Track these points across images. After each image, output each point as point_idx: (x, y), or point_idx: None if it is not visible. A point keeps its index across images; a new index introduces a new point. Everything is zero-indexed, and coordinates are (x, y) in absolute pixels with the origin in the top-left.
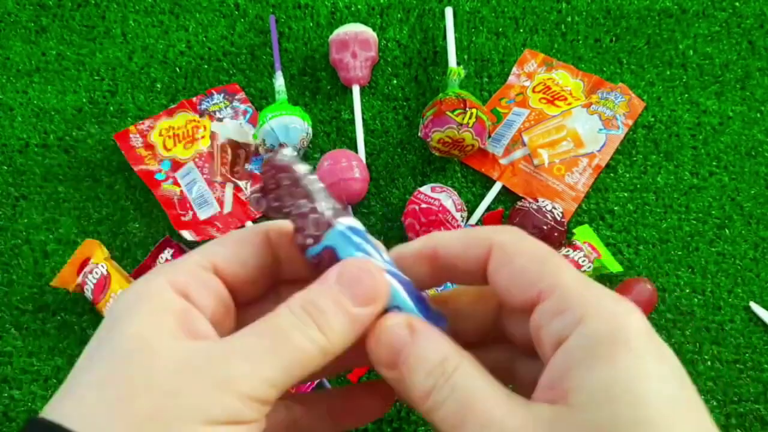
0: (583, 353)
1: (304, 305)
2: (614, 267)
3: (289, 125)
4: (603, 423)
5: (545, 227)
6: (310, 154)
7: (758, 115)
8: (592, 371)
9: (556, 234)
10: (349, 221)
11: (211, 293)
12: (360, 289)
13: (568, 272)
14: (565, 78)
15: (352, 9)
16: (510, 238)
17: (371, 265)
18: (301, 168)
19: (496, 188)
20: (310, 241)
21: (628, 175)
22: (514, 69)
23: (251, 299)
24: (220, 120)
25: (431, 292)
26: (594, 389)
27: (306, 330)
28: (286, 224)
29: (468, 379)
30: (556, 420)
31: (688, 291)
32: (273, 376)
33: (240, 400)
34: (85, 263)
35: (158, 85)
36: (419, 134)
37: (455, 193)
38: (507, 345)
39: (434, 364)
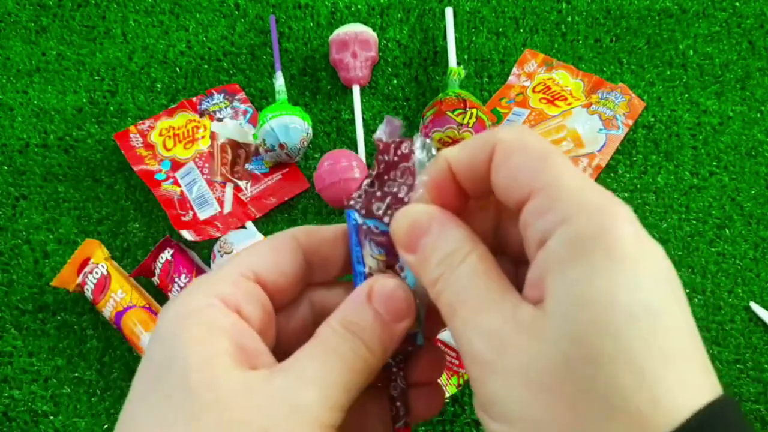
0: (561, 255)
1: (345, 324)
2: None
3: (289, 125)
4: (573, 331)
5: None
6: (310, 154)
7: (758, 115)
8: (568, 275)
9: None
10: None
11: (257, 304)
12: (395, 306)
13: (567, 171)
14: (565, 78)
15: (352, 9)
16: (513, 134)
17: (400, 282)
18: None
19: None
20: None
21: (628, 176)
22: (514, 69)
23: (285, 305)
24: (220, 120)
25: None
26: (567, 294)
27: (354, 347)
28: (314, 228)
29: (468, 273)
30: (534, 324)
31: (688, 291)
32: (337, 397)
33: (317, 428)
34: (85, 263)
35: (158, 85)
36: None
37: None
38: (508, 256)
39: (445, 253)
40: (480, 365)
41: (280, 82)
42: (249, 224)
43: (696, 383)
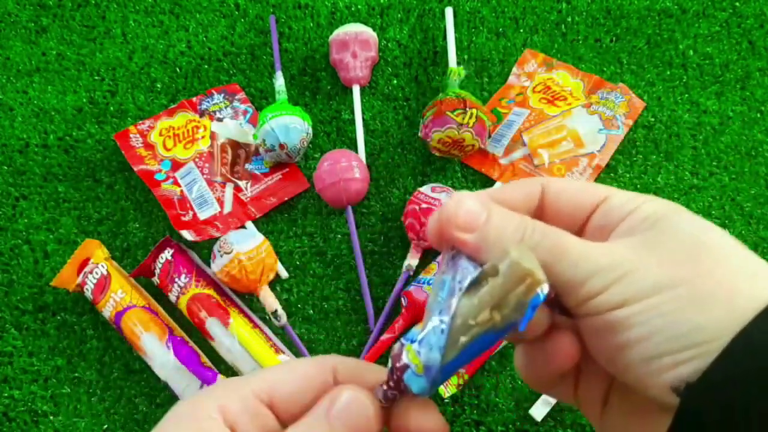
0: (663, 211)
1: None
2: None
3: (289, 125)
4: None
5: None
6: (310, 154)
7: (758, 115)
8: (680, 215)
9: None
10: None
11: (260, 429)
12: (355, 422)
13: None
14: (565, 78)
15: (352, 9)
16: (556, 179)
17: (364, 395)
18: None
19: None
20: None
21: (628, 175)
22: (514, 69)
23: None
24: (220, 120)
25: None
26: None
27: None
28: (362, 370)
29: (552, 228)
30: (642, 244)
31: None
32: None
33: None
34: (85, 263)
35: (158, 85)
36: (419, 134)
37: (455, 193)
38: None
39: (518, 220)
40: (619, 268)
41: (280, 82)
42: (249, 224)
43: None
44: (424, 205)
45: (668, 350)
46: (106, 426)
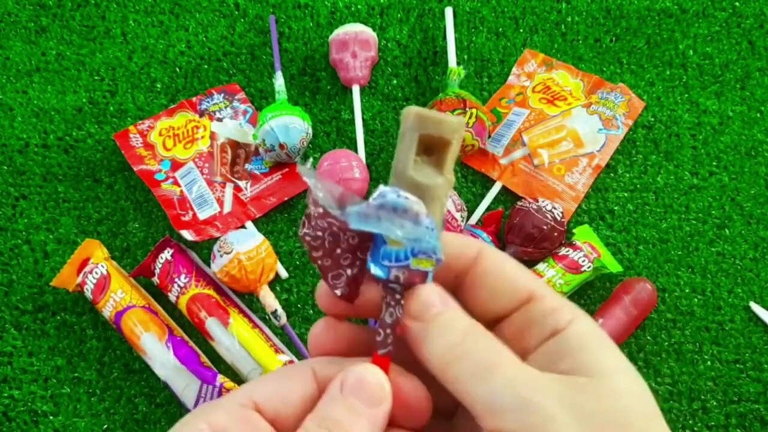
0: (589, 341)
1: (320, 423)
2: (614, 267)
3: (289, 125)
4: (630, 392)
5: (545, 227)
6: (310, 154)
7: (758, 115)
8: (605, 354)
9: (556, 234)
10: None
11: (252, 431)
12: (366, 393)
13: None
14: (565, 78)
15: (352, 9)
16: (494, 250)
17: (371, 367)
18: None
19: (496, 188)
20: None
21: (628, 175)
22: (514, 69)
23: None
24: (219, 120)
25: None
26: (610, 367)
27: None
28: (337, 360)
29: (490, 340)
30: (580, 388)
31: (688, 291)
32: None
33: None
34: (85, 263)
35: (158, 85)
36: None
37: (455, 193)
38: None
39: (465, 325)
40: (538, 415)
41: (279, 82)
42: (249, 224)
43: None
44: None
45: None
46: (106, 426)
